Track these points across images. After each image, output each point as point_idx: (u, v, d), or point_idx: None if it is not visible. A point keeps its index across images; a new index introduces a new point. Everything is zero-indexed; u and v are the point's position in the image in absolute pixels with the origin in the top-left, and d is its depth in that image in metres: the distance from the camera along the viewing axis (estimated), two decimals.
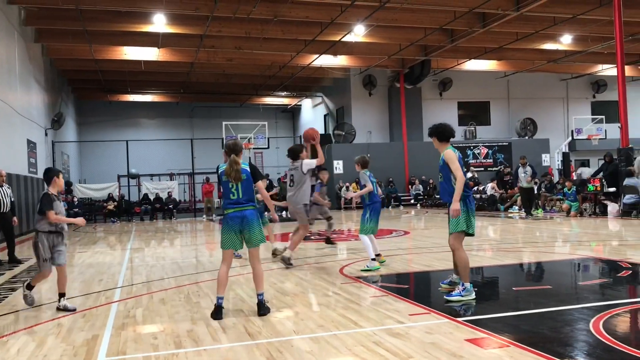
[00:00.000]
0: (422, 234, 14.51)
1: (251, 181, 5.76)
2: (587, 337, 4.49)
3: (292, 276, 8.10)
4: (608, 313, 5.17)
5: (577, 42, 23.60)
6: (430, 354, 4.18)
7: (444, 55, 25.02)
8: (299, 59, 24.55)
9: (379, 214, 8.78)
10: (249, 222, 5.67)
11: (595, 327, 4.69)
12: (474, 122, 30.78)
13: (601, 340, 4.37)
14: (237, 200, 5.70)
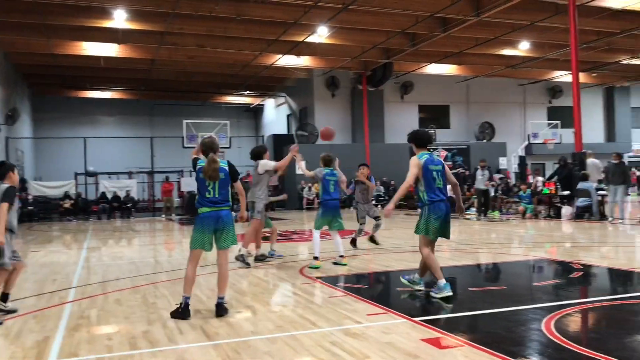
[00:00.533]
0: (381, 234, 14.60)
1: (229, 180, 5.69)
2: (539, 337, 4.61)
3: (251, 276, 8.07)
4: (559, 313, 5.31)
5: (534, 48, 24.19)
6: (386, 353, 4.22)
7: (405, 58, 25.29)
8: (262, 59, 24.46)
9: (330, 212, 8.82)
10: (224, 223, 5.59)
11: (547, 327, 4.82)
12: (434, 125, 31.20)
13: (552, 339, 4.48)
14: (213, 198, 5.61)
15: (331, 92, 29.62)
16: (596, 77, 30.77)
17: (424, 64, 26.78)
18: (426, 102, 31.69)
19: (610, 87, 34.07)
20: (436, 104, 31.98)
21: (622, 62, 26.69)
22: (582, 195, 16.16)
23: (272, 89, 33.32)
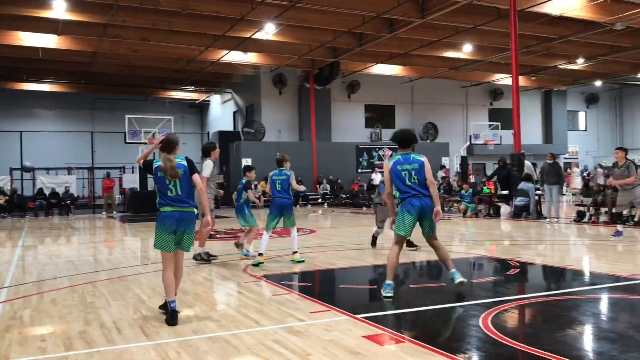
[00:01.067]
0: (327, 232, 14.71)
1: (189, 176, 5.47)
2: (477, 333, 4.73)
3: (194, 275, 7.95)
4: (497, 309, 5.47)
5: (476, 51, 24.83)
6: (328, 351, 4.24)
7: (352, 58, 25.49)
8: (208, 54, 24.14)
9: (276, 210, 8.85)
10: (187, 224, 5.39)
11: (484, 323, 4.95)
12: (379, 124, 31.59)
13: (489, 335, 4.61)
14: (176, 197, 5.38)
15: (278, 89, 29.54)
16: (535, 80, 31.88)
17: (370, 64, 27.06)
18: (372, 101, 32.04)
19: (548, 90, 35.37)
20: (382, 104, 32.38)
21: (559, 66, 27.73)
22: (520, 195, 16.70)
23: (219, 85, 32.93)
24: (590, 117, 38.49)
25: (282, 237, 13.06)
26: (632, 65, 28.15)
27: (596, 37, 21.63)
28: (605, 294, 6.39)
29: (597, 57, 25.54)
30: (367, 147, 30.61)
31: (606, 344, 4.43)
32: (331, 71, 27.46)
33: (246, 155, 27.32)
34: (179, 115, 35.58)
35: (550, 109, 36.06)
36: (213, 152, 9.15)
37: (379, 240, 10.45)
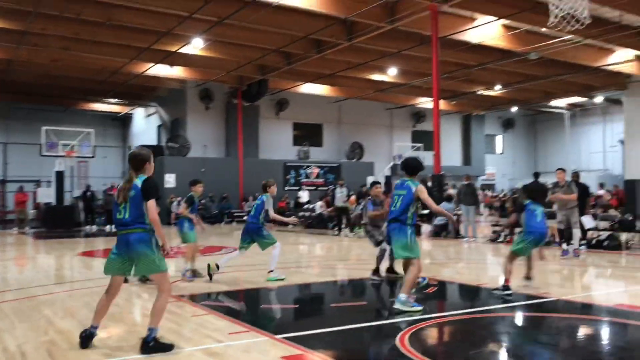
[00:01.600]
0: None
1: (140, 199, 4.93)
2: (393, 351, 4.81)
3: None
4: (414, 327, 5.59)
5: (401, 75, 25.55)
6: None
7: (281, 76, 25.59)
8: (133, 66, 23.54)
9: (247, 235, 8.91)
10: (134, 248, 4.91)
11: (401, 342, 5.04)
12: (307, 142, 31.82)
13: (405, 354, 4.70)
14: (123, 220, 4.97)
15: (205, 104, 29.18)
16: (455, 105, 33.13)
17: (299, 82, 27.27)
18: (301, 120, 32.26)
19: (468, 114, 36.84)
20: (310, 123, 32.66)
21: (478, 92, 28.97)
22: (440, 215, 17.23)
23: (143, 98, 32.14)
24: (507, 141, 40.36)
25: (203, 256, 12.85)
26: (545, 93, 29.82)
27: (512, 65, 22.79)
28: (519, 311, 6.68)
29: (513, 85, 26.88)
30: (295, 165, 30.71)
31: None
32: (259, 88, 27.44)
33: (170, 170, 26.76)
34: (101, 128, 34.39)
35: (469, 132, 37.56)
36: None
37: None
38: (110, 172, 33.51)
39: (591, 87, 27.22)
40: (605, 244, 13.08)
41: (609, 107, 33.24)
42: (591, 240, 13.49)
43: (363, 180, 29.90)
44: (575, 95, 29.62)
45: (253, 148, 29.78)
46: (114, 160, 35.65)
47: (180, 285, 8.40)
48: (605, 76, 24.68)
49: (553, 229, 13.30)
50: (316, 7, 16.05)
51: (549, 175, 17.24)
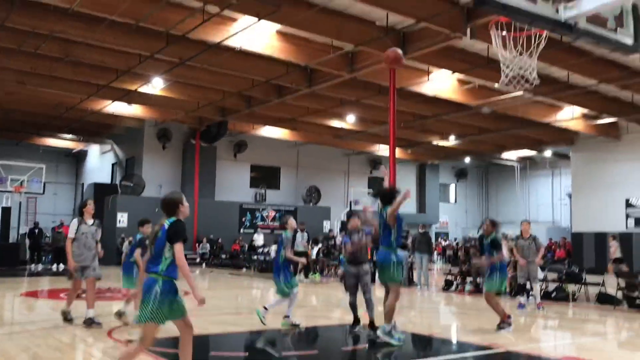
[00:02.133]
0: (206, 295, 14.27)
1: (163, 242, 4.72)
2: None
3: (50, 339, 7.35)
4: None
5: (359, 122, 26.01)
6: None
7: (241, 118, 25.68)
8: (90, 103, 23.23)
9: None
10: (142, 294, 4.72)
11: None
12: (264, 185, 31.77)
13: None
14: (149, 262, 4.81)
15: (162, 143, 28.91)
16: (411, 153, 33.83)
17: (258, 125, 27.41)
18: (258, 162, 32.27)
19: (423, 163, 37.61)
20: (268, 165, 32.70)
21: (433, 142, 29.70)
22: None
23: (99, 134, 31.62)
24: (460, 191, 41.27)
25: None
26: (496, 145, 30.81)
27: (466, 118, 23.55)
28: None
29: (466, 136, 27.69)
30: (251, 208, 30.55)
31: None
32: (219, 129, 27.44)
33: (123, 209, 26.21)
34: (53, 164, 33.61)
35: (424, 180, 38.27)
36: (83, 209, 8.72)
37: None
38: (60, 209, 32.58)
39: (541, 141, 28.28)
40: (554, 295, 13.37)
41: (558, 162, 34.52)
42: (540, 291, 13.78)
43: (320, 225, 29.98)
44: (526, 148, 30.70)
45: (209, 189, 29.53)
46: (65, 197, 34.72)
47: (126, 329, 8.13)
48: (554, 132, 25.73)
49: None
50: (278, 53, 16.32)
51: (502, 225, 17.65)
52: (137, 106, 24.26)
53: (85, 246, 8.55)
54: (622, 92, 19.62)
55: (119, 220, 25.99)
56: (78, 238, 8.54)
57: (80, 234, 8.56)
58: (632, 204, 25.08)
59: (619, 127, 25.05)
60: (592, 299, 13.04)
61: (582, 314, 11.69)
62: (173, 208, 4.85)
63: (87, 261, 8.57)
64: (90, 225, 8.76)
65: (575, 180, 27.82)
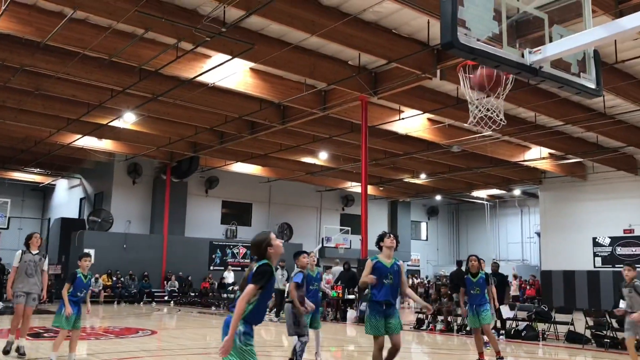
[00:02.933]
0: (170, 334, 13.95)
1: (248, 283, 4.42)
2: None
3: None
4: None
5: (331, 159, 26.15)
6: None
7: (212, 154, 25.60)
8: (59, 137, 22.92)
9: None
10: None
11: None
12: (235, 221, 31.51)
13: None
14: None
15: (132, 178, 28.58)
16: (383, 190, 34.06)
17: (230, 161, 27.34)
18: (230, 198, 32.07)
19: (395, 200, 37.86)
20: (240, 201, 32.50)
21: (404, 179, 29.98)
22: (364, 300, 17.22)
23: (67, 169, 31.15)
24: (431, 228, 41.54)
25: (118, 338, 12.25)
26: (466, 184, 31.24)
27: (436, 156, 23.87)
28: None
29: (437, 174, 28.03)
30: (222, 244, 30.20)
31: None
32: (190, 165, 27.27)
33: (90, 245, 25.63)
34: (19, 198, 32.92)
35: (396, 217, 38.44)
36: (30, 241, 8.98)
37: None
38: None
39: (509, 180, 28.78)
40: (524, 334, 13.40)
41: (527, 200, 35.11)
42: (510, 330, 13.81)
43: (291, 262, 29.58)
44: (495, 187, 31.17)
45: (179, 225, 29.15)
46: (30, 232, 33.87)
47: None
48: (523, 171, 26.23)
49: None
50: (251, 90, 16.43)
51: None
52: (107, 141, 24.00)
53: (27, 273, 8.84)
54: (587, 133, 20.18)
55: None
56: (21, 267, 8.83)
57: (23, 262, 8.85)
58: (599, 242, 25.53)
59: (585, 167, 25.67)
60: (562, 337, 13.10)
61: (552, 353, 11.71)
62: (261, 250, 4.57)
63: (27, 288, 8.82)
64: (35, 254, 9.03)
65: (544, 219, 28.26)
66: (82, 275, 7.98)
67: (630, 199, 24.46)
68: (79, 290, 7.92)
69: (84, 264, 8.02)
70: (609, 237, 25.20)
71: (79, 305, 7.96)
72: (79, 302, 7.94)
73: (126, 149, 25.23)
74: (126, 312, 20.77)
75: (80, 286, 7.94)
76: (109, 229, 26.94)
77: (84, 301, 8.09)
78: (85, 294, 8.06)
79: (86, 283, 8.05)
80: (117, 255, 26.25)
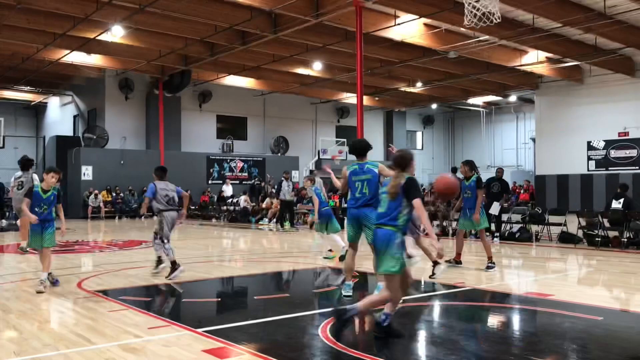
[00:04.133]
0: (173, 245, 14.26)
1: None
2: (316, 342, 4.86)
3: (20, 291, 7.28)
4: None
5: (326, 70, 25.72)
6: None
7: (204, 67, 25.13)
8: (47, 53, 22.37)
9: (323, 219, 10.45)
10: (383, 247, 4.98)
11: (323, 332, 5.10)
12: (231, 136, 31.44)
13: (327, 344, 4.76)
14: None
15: (124, 94, 28.21)
16: (378, 101, 33.76)
17: (222, 74, 26.88)
18: (224, 112, 31.82)
19: (390, 110, 37.63)
20: (234, 115, 32.28)
21: (400, 89, 29.65)
22: None
23: (58, 86, 30.66)
24: (427, 137, 41.57)
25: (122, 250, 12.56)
26: (463, 91, 30.92)
27: (433, 63, 23.47)
28: (437, 301, 6.91)
29: (433, 82, 27.70)
30: (218, 159, 30.30)
31: (433, 347, 4.78)
32: (182, 79, 26.82)
33: (87, 162, 25.75)
34: (11, 117, 32.60)
35: (392, 128, 38.36)
36: None
37: None
38: None
39: (506, 86, 28.50)
40: (517, 236, 13.76)
41: (522, 106, 34.93)
42: (504, 232, 14.17)
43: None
44: (491, 94, 30.91)
45: (175, 140, 29.10)
46: (26, 150, 33.69)
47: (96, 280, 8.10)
48: (519, 76, 25.92)
49: None
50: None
51: None
52: (96, 56, 23.48)
53: None
54: (585, 35, 19.76)
55: (84, 173, 25.56)
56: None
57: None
58: (594, 146, 25.69)
59: (582, 71, 25.36)
60: (555, 238, 13.47)
61: (545, 252, 12.08)
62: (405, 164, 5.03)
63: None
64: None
65: (539, 124, 28.27)
66: (40, 189, 7.30)
67: (626, 101, 24.36)
68: (36, 205, 7.24)
69: (47, 179, 7.32)
70: (603, 140, 25.33)
71: (48, 223, 7.35)
72: (45, 219, 7.31)
73: (116, 64, 24.73)
74: (128, 226, 21.17)
75: (38, 201, 7.25)
76: (104, 146, 26.90)
77: (58, 217, 7.53)
78: (46, 211, 7.31)
79: (46, 198, 7.29)
80: (114, 172, 26.39)
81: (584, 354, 4.59)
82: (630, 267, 9.59)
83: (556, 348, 4.73)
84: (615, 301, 6.98)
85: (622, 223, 12.10)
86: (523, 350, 4.74)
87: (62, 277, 8.33)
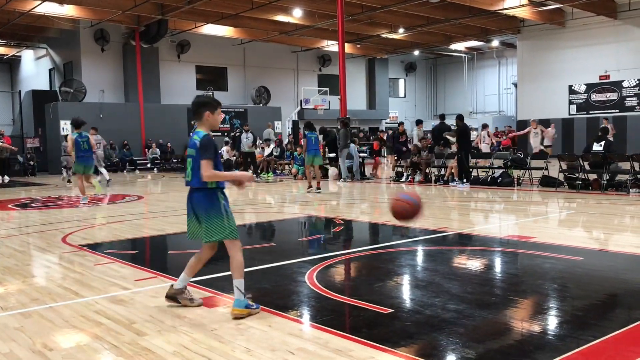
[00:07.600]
0: (156, 198, 14.25)
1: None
2: (302, 289, 4.93)
3: (3, 247, 7.24)
4: (322, 265, 5.73)
5: (306, 17, 25.24)
6: (154, 317, 4.14)
7: (181, 16, 24.51)
8: (18, 4, 21.62)
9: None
10: None
11: (310, 279, 5.17)
12: (211, 87, 30.97)
13: (314, 290, 4.83)
14: None
15: (100, 46, 27.50)
16: (360, 48, 33.33)
17: (200, 23, 26.26)
18: (204, 63, 31.25)
19: (372, 58, 37.22)
20: (214, 66, 31.73)
21: (381, 35, 29.25)
22: (347, 158, 17.55)
23: (31, 39, 29.78)
24: (409, 85, 41.34)
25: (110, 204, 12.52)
26: (445, 36, 30.61)
27: (414, 8, 23.12)
28: (419, 246, 7.01)
29: (415, 28, 27.35)
30: None
31: (417, 291, 4.88)
32: (159, 29, 26.16)
33: (64, 116, 25.24)
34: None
35: (374, 76, 38.04)
36: None
37: None
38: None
39: (488, 30, 28.26)
40: (500, 181, 13.91)
41: (504, 51, 34.74)
42: (487, 178, 14.32)
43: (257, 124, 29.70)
44: (473, 39, 30.66)
45: (154, 93, 28.63)
46: (2, 106, 33.17)
47: (81, 234, 8.08)
48: (501, 20, 25.69)
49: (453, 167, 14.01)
50: None
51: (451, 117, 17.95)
52: (69, 6, 22.76)
53: None
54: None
55: (63, 128, 25.11)
56: None
57: None
58: (575, 90, 25.77)
59: (564, 14, 25.18)
60: (536, 182, 13.64)
61: (526, 196, 12.26)
62: None
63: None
64: None
65: (521, 68, 28.22)
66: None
67: (608, 44, 24.33)
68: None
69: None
70: (584, 84, 25.39)
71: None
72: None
73: (90, 15, 24.02)
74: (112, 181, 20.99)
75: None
76: (82, 100, 26.39)
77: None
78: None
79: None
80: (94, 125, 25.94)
81: (564, 293, 4.71)
82: (609, 209, 9.78)
83: (537, 288, 4.84)
84: (595, 242, 7.14)
85: (602, 166, 12.26)
86: (505, 291, 4.85)
87: (47, 232, 8.29)
